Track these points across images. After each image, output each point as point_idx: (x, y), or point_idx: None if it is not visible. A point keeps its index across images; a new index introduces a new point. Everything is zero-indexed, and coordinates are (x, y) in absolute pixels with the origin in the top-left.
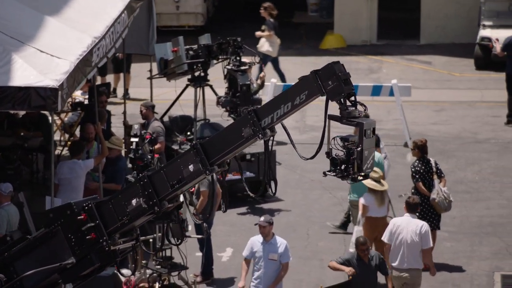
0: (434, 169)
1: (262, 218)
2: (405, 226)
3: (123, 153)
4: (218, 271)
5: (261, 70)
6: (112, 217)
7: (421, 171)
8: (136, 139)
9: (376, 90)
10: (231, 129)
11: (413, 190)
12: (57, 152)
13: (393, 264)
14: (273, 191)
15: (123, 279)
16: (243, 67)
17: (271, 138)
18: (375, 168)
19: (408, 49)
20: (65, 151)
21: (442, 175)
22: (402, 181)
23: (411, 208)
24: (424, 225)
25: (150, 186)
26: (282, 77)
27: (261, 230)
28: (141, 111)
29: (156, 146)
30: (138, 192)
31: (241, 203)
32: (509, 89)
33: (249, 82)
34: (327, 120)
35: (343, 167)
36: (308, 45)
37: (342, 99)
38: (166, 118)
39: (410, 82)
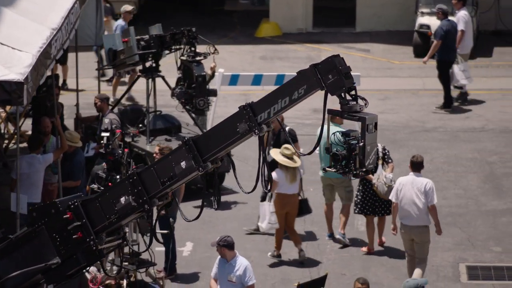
0: (381, 154)
1: (217, 239)
2: (410, 184)
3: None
4: (181, 266)
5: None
6: (99, 215)
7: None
8: (107, 134)
9: None
10: (225, 125)
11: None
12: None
13: (402, 222)
14: (267, 188)
15: (88, 276)
16: (198, 58)
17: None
18: (287, 145)
19: (345, 37)
20: (12, 144)
21: (390, 161)
22: None
23: (415, 166)
24: (428, 183)
25: (140, 183)
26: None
27: (219, 251)
28: (95, 104)
29: None
30: (127, 190)
31: (196, 196)
32: (442, 77)
33: (204, 73)
34: (326, 114)
35: (343, 163)
36: (243, 33)
37: (343, 93)
38: (115, 110)
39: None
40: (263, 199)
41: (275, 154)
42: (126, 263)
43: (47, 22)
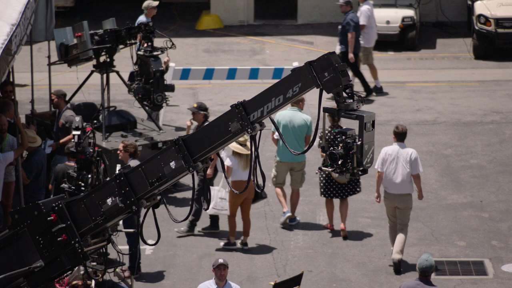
0: None
1: (221, 260)
2: (396, 154)
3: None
4: (145, 265)
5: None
6: (84, 217)
7: (329, 139)
8: (78, 132)
9: (278, 73)
10: (217, 124)
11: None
12: None
13: (386, 190)
14: (261, 187)
15: None
16: (155, 53)
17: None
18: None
19: (287, 29)
20: None
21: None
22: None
23: (399, 137)
24: (413, 153)
25: (127, 184)
26: None
27: (221, 272)
28: (52, 100)
29: (69, 137)
30: (113, 191)
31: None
32: (352, 69)
33: (162, 68)
34: (321, 113)
35: (340, 162)
36: (183, 26)
37: (339, 92)
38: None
39: (294, 62)
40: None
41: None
42: (95, 263)
43: (5, 18)
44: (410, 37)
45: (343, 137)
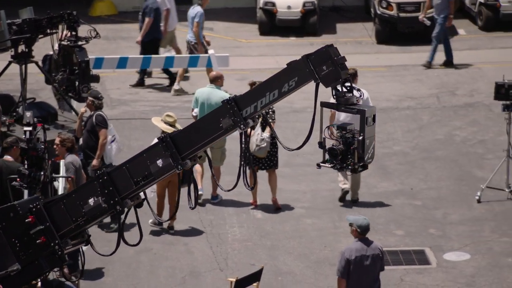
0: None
1: None
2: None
3: None
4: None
5: None
6: (64, 218)
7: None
8: (30, 128)
9: (193, 61)
10: (207, 120)
11: None
12: None
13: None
14: (250, 185)
15: None
16: (80, 43)
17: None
18: (169, 113)
19: (184, 14)
20: None
21: (270, 120)
22: None
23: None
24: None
25: (111, 183)
26: None
27: None
28: None
29: None
30: (95, 191)
31: None
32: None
33: (88, 58)
34: (317, 107)
35: (339, 158)
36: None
37: (338, 85)
38: None
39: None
40: None
41: (157, 121)
42: None
43: None
44: (311, 22)
45: (343, 132)
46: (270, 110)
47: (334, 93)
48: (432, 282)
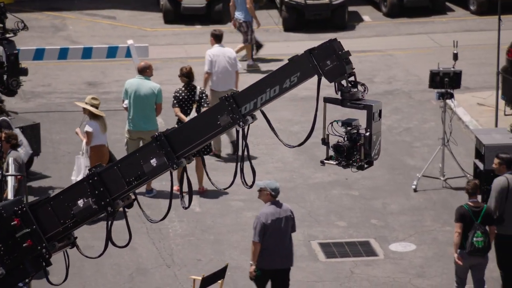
0: (197, 97)
1: None
2: (221, 54)
3: None
4: None
5: None
6: (51, 220)
7: (181, 97)
8: None
9: (112, 52)
10: (203, 118)
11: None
12: None
13: (212, 88)
14: (249, 184)
15: None
16: (8, 35)
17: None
18: (94, 95)
19: (84, 3)
20: None
21: (205, 105)
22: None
23: (218, 38)
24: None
25: (102, 184)
26: None
27: None
28: None
29: None
30: (85, 192)
31: None
32: None
33: (17, 51)
34: (319, 103)
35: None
36: None
37: (343, 80)
38: None
39: (103, 39)
40: None
41: (80, 103)
42: None
43: None
44: (216, 10)
45: (348, 128)
46: (203, 95)
47: (338, 88)
48: (383, 274)
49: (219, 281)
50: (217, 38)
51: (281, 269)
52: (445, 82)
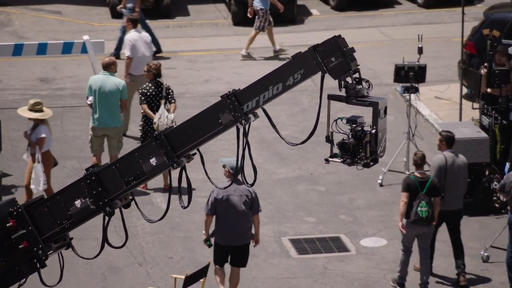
0: (164, 94)
1: None
2: (139, 39)
3: None
4: None
5: None
6: (48, 221)
7: (148, 93)
8: None
9: (68, 48)
10: (204, 116)
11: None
12: None
13: (130, 72)
14: (250, 182)
15: None
16: None
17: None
18: (36, 100)
19: None
20: None
21: (173, 101)
22: None
23: (135, 23)
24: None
25: (100, 184)
26: None
27: None
28: None
29: None
30: (82, 192)
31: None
32: None
33: None
34: (322, 99)
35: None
36: None
37: (348, 77)
38: None
39: (50, 34)
40: None
41: (23, 112)
42: None
43: None
44: (165, 4)
45: (353, 125)
46: (170, 90)
47: (342, 85)
48: (357, 270)
49: (201, 280)
50: (134, 22)
51: (236, 246)
52: (410, 76)
